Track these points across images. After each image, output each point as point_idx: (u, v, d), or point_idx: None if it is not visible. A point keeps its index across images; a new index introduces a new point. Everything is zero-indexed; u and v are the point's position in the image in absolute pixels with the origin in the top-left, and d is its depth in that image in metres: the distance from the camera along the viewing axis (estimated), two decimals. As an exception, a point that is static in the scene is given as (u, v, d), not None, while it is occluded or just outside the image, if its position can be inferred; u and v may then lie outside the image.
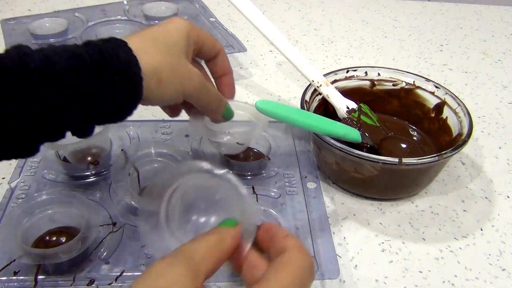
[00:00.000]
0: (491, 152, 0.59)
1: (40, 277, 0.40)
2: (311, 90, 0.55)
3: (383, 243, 0.47)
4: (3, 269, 0.41)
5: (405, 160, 0.45)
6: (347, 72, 0.58)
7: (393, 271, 0.44)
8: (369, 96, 0.58)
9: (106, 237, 0.44)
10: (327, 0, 0.97)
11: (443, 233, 0.48)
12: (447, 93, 0.55)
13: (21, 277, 0.40)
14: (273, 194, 0.50)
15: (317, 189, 0.51)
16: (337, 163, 0.50)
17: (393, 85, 0.58)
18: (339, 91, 0.56)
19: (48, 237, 0.43)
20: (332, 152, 0.49)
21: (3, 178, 0.51)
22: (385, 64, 0.76)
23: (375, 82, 0.59)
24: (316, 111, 0.55)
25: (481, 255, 0.46)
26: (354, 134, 0.50)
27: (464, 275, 0.44)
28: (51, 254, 0.39)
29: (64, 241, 0.43)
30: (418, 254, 0.46)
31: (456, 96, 0.54)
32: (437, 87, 0.56)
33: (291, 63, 0.55)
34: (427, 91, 0.56)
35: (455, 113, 0.53)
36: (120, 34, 0.74)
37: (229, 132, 0.49)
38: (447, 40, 0.85)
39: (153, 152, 0.51)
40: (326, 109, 0.57)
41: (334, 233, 0.47)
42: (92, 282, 0.40)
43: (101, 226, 0.45)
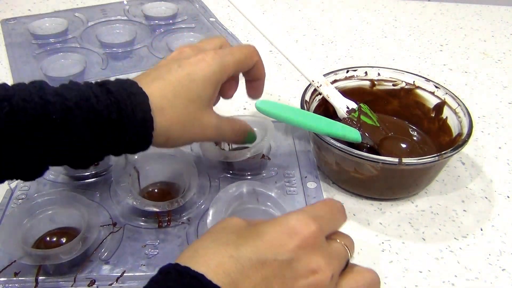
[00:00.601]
0: (491, 152, 0.59)
1: (40, 278, 0.40)
2: (311, 90, 0.55)
3: (383, 243, 0.47)
4: (3, 270, 0.41)
5: (405, 160, 0.45)
6: (347, 72, 0.58)
7: (393, 271, 0.44)
8: (369, 96, 0.58)
9: (106, 237, 0.44)
10: (327, 0, 0.97)
11: (443, 233, 0.48)
12: (447, 93, 0.55)
13: (21, 278, 0.40)
14: (273, 194, 0.50)
15: (317, 189, 0.51)
16: (337, 163, 0.50)
17: (393, 85, 0.58)
18: (339, 91, 0.56)
19: (48, 238, 0.43)
20: (332, 152, 0.49)
21: (4, 179, 0.51)
22: (385, 64, 0.76)
23: (375, 82, 0.59)
24: (316, 111, 0.55)
25: (481, 255, 0.46)
26: (354, 134, 0.50)
27: (464, 275, 0.44)
28: (51, 255, 0.39)
29: (64, 241, 0.43)
30: (418, 254, 0.46)
31: (456, 96, 0.54)
32: (437, 87, 0.56)
33: (291, 63, 0.55)
34: (427, 91, 0.56)
35: (455, 113, 0.53)
36: (120, 34, 0.74)
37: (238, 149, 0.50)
38: (447, 40, 0.85)
39: (154, 152, 0.51)
40: (326, 109, 0.57)
41: (334, 233, 0.47)
42: (93, 282, 0.40)
43: (101, 226, 0.45)
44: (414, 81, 0.57)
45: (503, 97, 0.70)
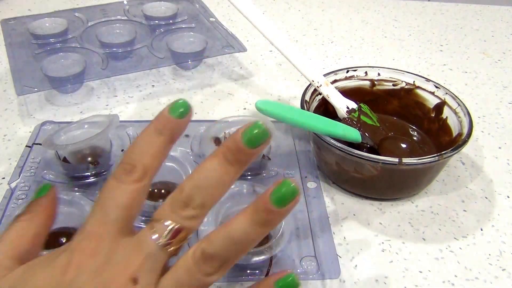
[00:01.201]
0: (491, 152, 0.59)
1: (40, 277, 0.40)
2: (311, 90, 0.55)
3: (383, 243, 0.47)
4: (3, 269, 0.41)
5: (405, 160, 0.45)
6: (347, 72, 0.58)
7: (393, 271, 0.44)
8: (369, 96, 0.58)
9: (106, 237, 0.44)
10: (327, 0, 0.97)
11: (443, 233, 0.48)
12: (447, 93, 0.55)
13: (21, 278, 0.40)
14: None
15: (317, 189, 0.51)
16: (337, 163, 0.50)
17: (393, 85, 0.58)
18: (339, 91, 0.56)
19: (48, 238, 0.43)
20: (332, 152, 0.49)
21: (3, 178, 0.51)
22: (385, 64, 0.76)
23: (375, 82, 0.59)
24: (316, 111, 0.55)
25: (481, 255, 0.46)
26: (354, 134, 0.50)
27: (464, 275, 0.44)
28: (51, 254, 0.39)
29: (64, 241, 0.43)
30: (418, 254, 0.46)
31: (456, 96, 0.54)
32: (437, 87, 0.56)
33: (291, 63, 0.55)
34: (427, 91, 0.56)
35: (455, 113, 0.53)
36: (120, 34, 0.74)
37: None
38: (447, 40, 0.85)
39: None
40: (326, 109, 0.57)
41: (334, 233, 0.47)
42: (92, 282, 0.40)
43: (101, 226, 0.45)
44: (414, 81, 0.57)
45: (503, 97, 0.70)
